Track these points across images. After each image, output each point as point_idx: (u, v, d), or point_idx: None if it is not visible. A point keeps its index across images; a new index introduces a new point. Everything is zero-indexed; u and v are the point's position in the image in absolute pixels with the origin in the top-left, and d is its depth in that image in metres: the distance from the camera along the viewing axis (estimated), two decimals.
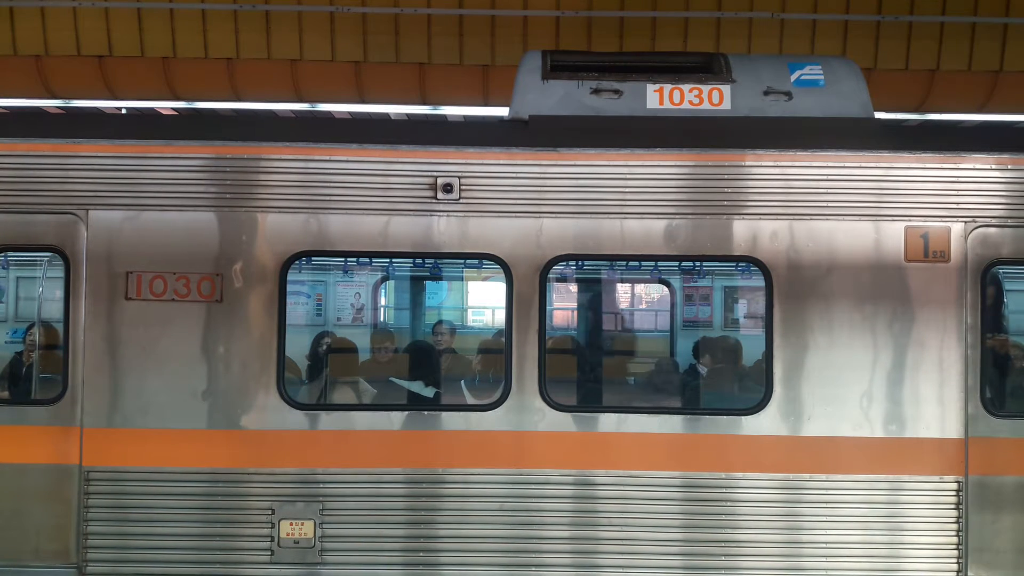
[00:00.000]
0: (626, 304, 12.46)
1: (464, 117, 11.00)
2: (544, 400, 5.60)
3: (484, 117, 10.77)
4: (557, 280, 8.58)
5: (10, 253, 6.89)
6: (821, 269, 5.63)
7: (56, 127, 6.14)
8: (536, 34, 10.31)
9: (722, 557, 5.56)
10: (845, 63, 6.20)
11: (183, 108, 11.49)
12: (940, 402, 5.59)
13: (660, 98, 6.00)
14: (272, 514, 5.57)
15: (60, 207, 5.64)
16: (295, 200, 5.65)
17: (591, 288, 9.34)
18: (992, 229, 5.65)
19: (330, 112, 11.47)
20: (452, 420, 5.67)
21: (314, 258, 6.06)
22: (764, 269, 5.65)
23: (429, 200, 5.66)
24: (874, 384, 5.60)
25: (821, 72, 6.08)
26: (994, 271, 5.79)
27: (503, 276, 5.68)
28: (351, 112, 11.41)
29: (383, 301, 10.65)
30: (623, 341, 11.49)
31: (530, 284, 5.64)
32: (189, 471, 5.56)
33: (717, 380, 6.92)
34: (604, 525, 5.59)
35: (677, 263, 7.84)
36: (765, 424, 5.60)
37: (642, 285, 12.23)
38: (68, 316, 5.61)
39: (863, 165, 5.64)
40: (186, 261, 5.62)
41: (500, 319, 5.97)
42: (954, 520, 5.56)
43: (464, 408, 6.19)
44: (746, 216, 5.66)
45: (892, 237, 5.63)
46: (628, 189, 5.66)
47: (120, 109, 11.50)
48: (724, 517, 5.57)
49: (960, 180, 5.65)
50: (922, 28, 10.29)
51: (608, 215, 5.66)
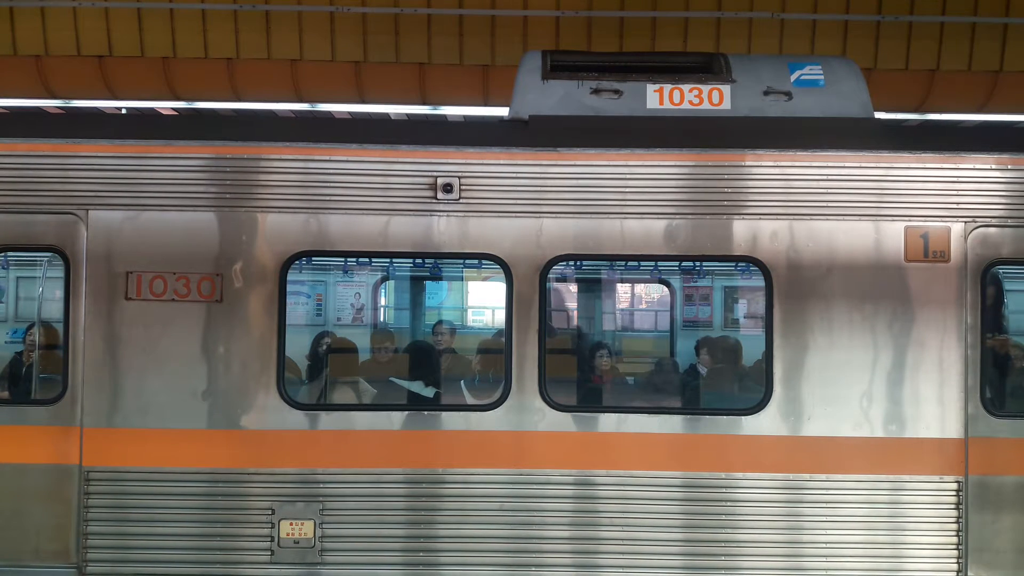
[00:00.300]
0: (626, 304, 12.46)
1: (464, 117, 11.01)
2: (544, 400, 5.60)
3: (484, 117, 10.77)
4: (557, 280, 8.58)
5: (10, 253, 6.89)
6: (821, 269, 5.63)
7: (56, 127, 6.14)
8: (536, 34, 10.32)
9: (722, 557, 5.56)
10: (845, 63, 6.20)
11: (183, 108, 11.49)
12: (940, 402, 5.59)
13: (660, 98, 6.00)
14: (272, 514, 5.57)
15: (60, 207, 5.64)
16: (295, 200, 5.65)
17: (591, 288, 9.34)
18: (992, 229, 5.65)
19: (330, 112, 11.48)
20: (452, 420, 5.67)
21: (314, 258, 6.06)
22: (764, 269, 5.65)
23: (429, 200, 5.66)
24: (874, 384, 5.60)
25: (821, 72, 6.08)
26: (994, 271, 5.79)
27: (503, 276, 5.68)
28: (351, 112, 11.41)
29: (383, 301, 10.65)
30: (623, 341, 11.50)
31: (530, 284, 5.64)
32: (189, 471, 5.56)
33: (717, 380, 6.92)
34: (604, 525, 5.58)
35: (677, 263, 7.84)
36: (765, 424, 5.60)
37: (642, 285, 12.24)
38: (68, 316, 5.61)
39: (863, 165, 5.64)
40: (186, 261, 5.62)
41: (500, 319, 5.97)
42: (954, 520, 5.56)
43: (464, 408, 6.19)
44: (746, 216, 5.66)
45: (892, 237, 5.63)
46: (628, 189, 5.66)
47: (120, 109, 11.50)
48: (724, 517, 5.57)
49: (960, 180, 5.65)
50: (922, 28, 10.30)
51: (608, 215, 5.66)
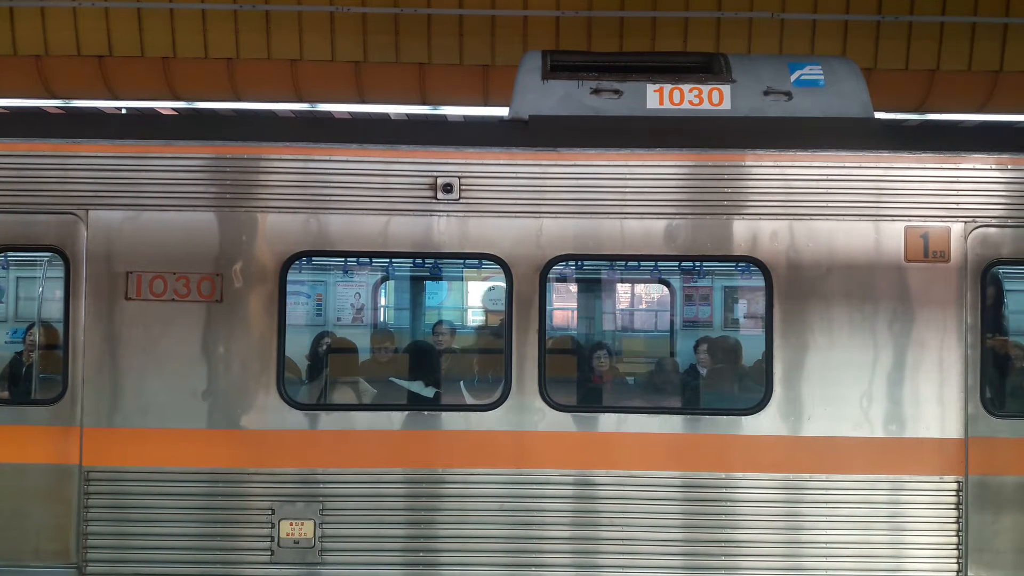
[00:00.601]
0: (626, 304, 12.46)
1: (464, 117, 11.00)
2: (544, 400, 5.60)
3: (484, 117, 10.77)
4: (557, 280, 8.58)
5: (10, 253, 6.89)
6: (821, 269, 5.63)
7: (56, 127, 6.14)
8: (536, 34, 10.31)
9: (722, 557, 5.56)
10: (845, 63, 6.20)
11: (183, 108, 11.49)
12: (940, 402, 5.59)
13: (660, 98, 6.00)
14: (272, 514, 5.57)
15: (60, 207, 5.64)
16: (295, 200, 5.65)
17: (591, 288, 9.35)
18: (992, 229, 5.65)
19: (330, 112, 11.48)
20: (452, 420, 5.67)
21: (314, 258, 6.06)
22: (764, 269, 5.65)
23: (429, 200, 5.66)
24: (874, 384, 5.60)
25: (821, 72, 6.08)
26: (994, 271, 5.79)
27: (503, 276, 5.68)
28: (351, 112, 11.41)
29: (383, 301, 10.65)
30: (623, 341, 11.50)
31: (530, 284, 5.64)
32: (189, 471, 5.56)
33: (717, 380, 6.92)
34: (604, 525, 5.58)
35: (677, 263, 7.84)
36: (765, 424, 5.60)
37: (642, 285, 12.24)
38: (68, 316, 5.61)
39: (863, 165, 5.64)
40: (186, 261, 5.62)
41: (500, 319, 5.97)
42: (954, 520, 5.56)
43: (464, 408, 6.19)
44: (746, 216, 5.66)
45: (892, 237, 5.63)
46: (628, 189, 5.66)
47: (120, 109, 11.50)
48: (724, 517, 5.57)
49: (960, 180, 5.65)
50: (922, 28, 10.29)
51: (608, 215, 5.66)
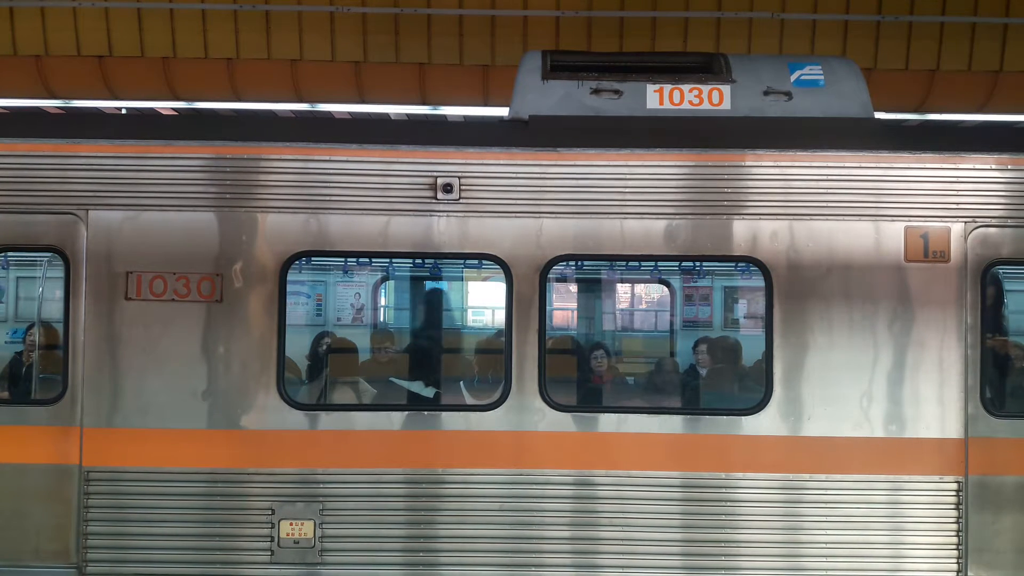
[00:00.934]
0: (626, 304, 12.46)
1: (464, 117, 11.00)
2: (544, 400, 5.60)
3: (484, 117, 10.77)
4: (557, 280, 8.57)
5: (10, 253, 6.89)
6: (821, 269, 5.63)
7: (56, 127, 6.14)
8: (536, 34, 10.31)
9: (722, 557, 5.56)
10: (845, 63, 6.20)
11: (183, 108, 11.49)
12: (940, 402, 5.59)
13: (660, 98, 6.00)
14: (272, 514, 5.57)
15: (60, 207, 5.64)
16: (295, 200, 5.65)
17: (591, 288, 9.34)
18: (992, 229, 5.65)
19: (330, 112, 11.47)
20: (452, 420, 5.67)
21: (314, 258, 6.06)
22: (764, 269, 5.65)
23: (429, 200, 5.66)
24: (874, 384, 5.60)
25: (821, 72, 6.08)
26: (994, 271, 5.80)
27: (503, 276, 5.68)
28: (351, 112, 11.41)
29: (383, 301, 10.65)
30: (623, 341, 11.49)
31: (530, 284, 5.64)
32: (189, 471, 5.56)
33: (717, 380, 6.92)
34: (604, 525, 5.58)
35: (677, 263, 7.83)
36: (765, 424, 5.60)
37: (642, 285, 12.23)
38: (68, 316, 5.61)
39: (863, 165, 5.64)
40: (186, 261, 5.62)
41: (500, 319, 5.97)
42: (954, 520, 5.56)
43: (464, 408, 6.19)
44: (746, 216, 5.66)
45: (892, 237, 5.63)
46: (628, 189, 5.66)
47: (120, 109, 11.50)
48: (724, 517, 5.57)
49: (960, 180, 5.65)
50: (922, 28, 10.29)
51: (608, 215, 5.66)
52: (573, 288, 9.55)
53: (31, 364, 6.40)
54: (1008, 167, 5.66)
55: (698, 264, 7.90)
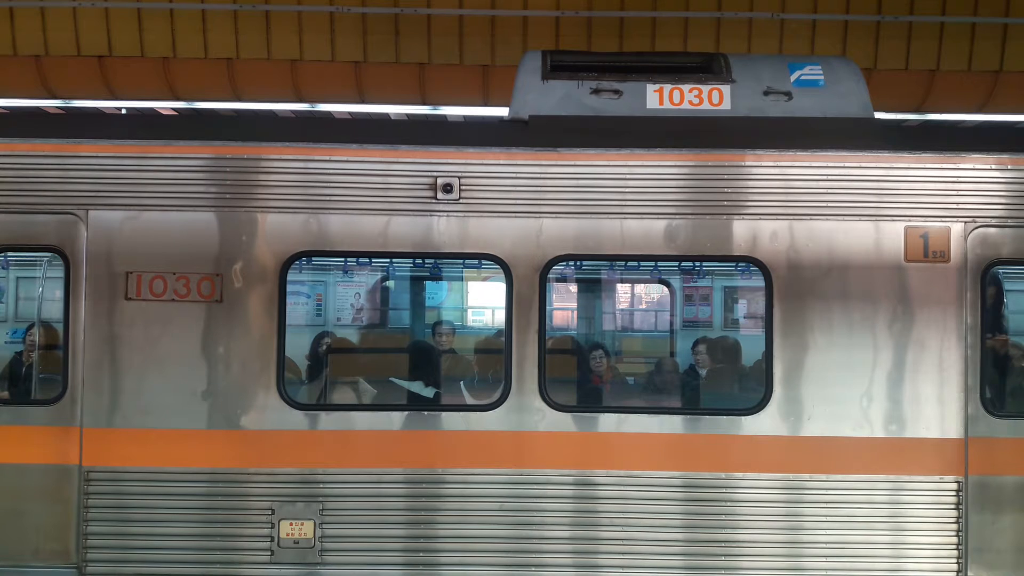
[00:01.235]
0: (626, 304, 12.46)
1: (464, 117, 11.00)
2: (544, 400, 5.60)
3: (484, 117, 10.77)
4: (557, 280, 8.58)
5: (10, 253, 6.89)
6: (821, 269, 5.63)
7: (56, 127, 6.15)
8: (536, 34, 10.31)
9: (722, 557, 5.56)
10: (845, 63, 6.20)
11: (183, 108, 11.49)
12: (940, 402, 5.59)
13: (660, 98, 6.00)
14: (272, 514, 5.57)
15: (60, 207, 5.64)
16: (295, 200, 5.65)
17: (591, 288, 9.34)
18: (992, 229, 5.65)
19: (330, 112, 11.47)
20: (452, 420, 5.67)
21: (314, 258, 6.06)
22: (764, 269, 5.65)
23: (429, 200, 5.66)
24: (874, 384, 5.60)
25: (821, 72, 6.08)
26: (994, 271, 5.79)
27: (503, 276, 5.68)
28: (351, 112, 11.41)
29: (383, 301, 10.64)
30: (623, 341, 11.50)
31: (530, 284, 5.64)
32: (189, 471, 5.56)
33: (717, 380, 6.92)
34: (604, 525, 5.58)
35: (677, 263, 7.83)
36: (765, 424, 5.60)
37: (642, 285, 12.23)
38: (68, 316, 5.61)
39: (863, 165, 5.64)
40: (186, 261, 5.62)
41: (500, 319, 5.97)
42: (954, 520, 5.56)
43: (464, 408, 6.19)
44: (746, 216, 5.66)
45: (892, 237, 5.63)
46: (628, 189, 5.66)
47: (120, 109, 11.50)
48: (724, 517, 5.57)
49: (960, 180, 5.65)
50: (922, 28, 10.29)
51: (608, 215, 5.66)
52: (573, 288, 9.56)
53: (31, 364, 6.40)
54: (1008, 167, 5.66)
55: (698, 264, 7.90)
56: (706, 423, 5.68)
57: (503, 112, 6.37)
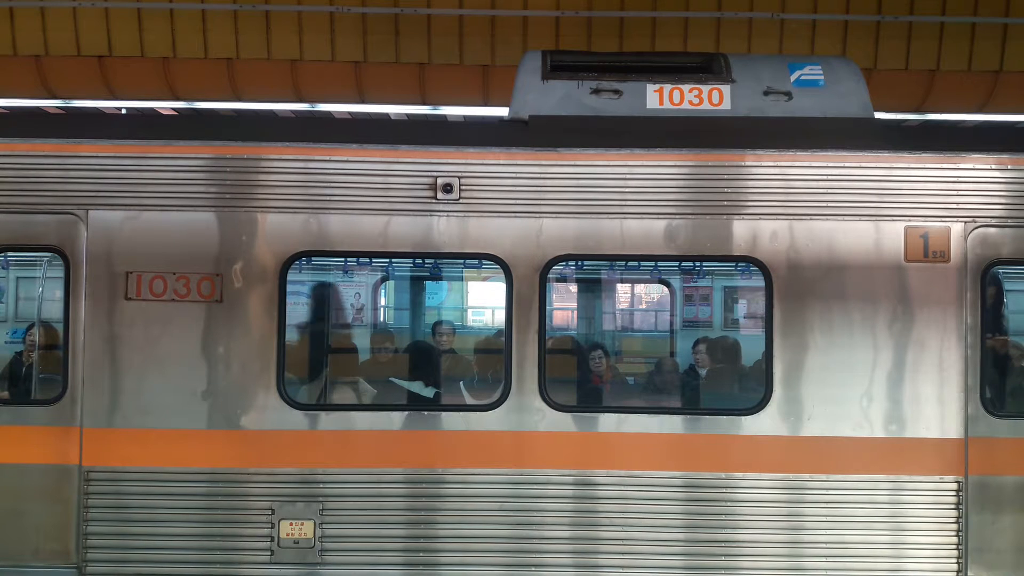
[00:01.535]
0: (626, 304, 12.46)
1: (464, 117, 11.00)
2: (544, 400, 5.60)
3: (484, 117, 10.77)
4: (557, 280, 8.57)
5: (10, 253, 6.89)
6: (821, 269, 5.63)
7: (56, 127, 6.15)
8: (536, 34, 10.32)
9: (722, 557, 5.56)
10: (845, 63, 6.20)
11: (183, 108, 11.49)
12: (940, 402, 5.59)
13: (660, 98, 6.00)
14: (272, 514, 5.57)
15: (60, 207, 5.64)
16: (295, 200, 5.65)
17: (591, 288, 9.34)
18: (992, 229, 5.65)
19: (330, 112, 11.48)
20: (452, 420, 5.67)
21: (314, 258, 6.06)
22: (764, 269, 5.65)
23: (429, 200, 5.66)
24: (874, 384, 5.60)
25: (821, 72, 6.08)
26: (994, 271, 5.79)
27: (503, 276, 5.68)
28: (351, 112, 11.41)
29: (383, 301, 10.64)
30: (623, 341, 11.49)
31: (530, 284, 5.64)
32: (189, 471, 5.56)
33: (717, 380, 6.92)
34: (604, 525, 5.58)
35: (677, 263, 7.83)
36: (765, 424, 5.60)
37: (642, 285, 12.23)
38: (68, 316, 5.61)
39: (863, 165, 5.64)
40: (186, 261, 5.62)
41: (500, 319, 5.97)
42: (954, 520, 5.56)
43: (464, 408, 6.19)
44: (746, 216, 5.66)
45: (892, 237, 5.63)
46: (628, 189, 5.66)
47: (120, 109, 11.50)
48: (724, 517, 5.57)
49: (960, 180, 5.65)
50: (922, 28, 10.29)
51: (608, 215, 5.66)
52: (573, 288, 9.55)
53: (31, 364, 6.40)
54: (1008, 167, 5.66)
55: (698, 264, 7.90)
56: (706, 423, 5.68)
57: (503, 112, 6.37)
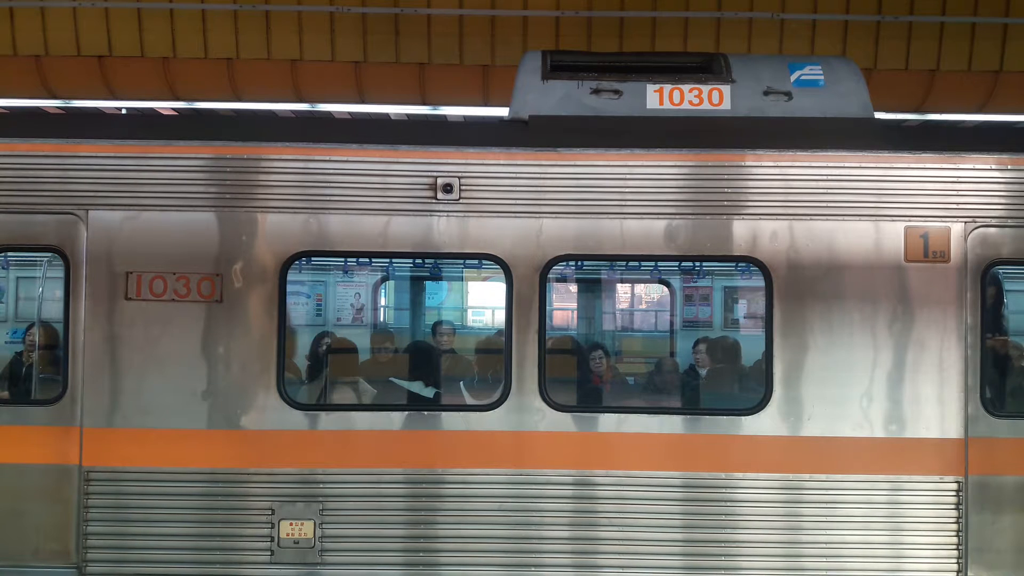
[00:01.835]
0: (626, 304, 12.46)
1: (464, 117, 11.00)
2: (544, 400, 5.60)
3: (484, 117, 10.77)
4: (557, 280, 8.58)
5: (10, 253, 6.89)
6: (821, 269, 5.63)
7: (56, 127, 6.15)
8: (536, 34, 10.32)
9: (722, 557, 5.56)
10: (845, 63, 6.20)
11: (183, 108, 11.49)
12: (940, 402, 5.59)
13: (660, 98, 6.00)
14: (272, 514, 5.57)
15: (60, 207, 5.64)
16: (295, 200, 5.65)
17: (591, 288, 9.35)
18: (992, 229, 5.65)
19: (330, 112, 11.48)
20: (452, 420, 5.67)
21: (314, 258, 6.06)
22: (764, 269, 5.65)
23: (429, 200, 5.66)
24: (874, 384, 5.60)
25: (821, 72, 6.08)
26: (994, 271, 5.79)
27: (503, 276, 5.68)
28: (351, 112, 11.41)
29: (383, 301, 10.65)
30: (623, 341, 11.50)
31: (530, 284, 5.64)
32: (189, 471, 5.56)
33: (717, 380, 6.92)
34: (604, 525, 5.58)
35: (677, 263, 7.84)
36: (765, 424, 5.60)
37: (642, 285, 12.23)
38: (68, 316, 5.61)
39: (863, 165, 5.64)
40: (186, 261, 5.62)
41: (500, 319, 5.97)
42: (954, 520, 5.56)
43: (464, 408, 6.19)
44: (746, 216, 5.66)
45: (892, 237, 5.63)
46: (628, 189, 5.66)
47: (120, 109, 11.50)
48: (724, 517, 5.57)
49: (960, 180, 5.65)
50: (922, 28, 10.29)
51: (608, 215, 5.66)
52: (573, 288, 9.56)
53: (31, 364, 6.40)
54: (1008, 167, 5.66)
55: (698, 264, 7.90)
56: (706, 423, 5.68)
57: (503, 112, 6.37)
